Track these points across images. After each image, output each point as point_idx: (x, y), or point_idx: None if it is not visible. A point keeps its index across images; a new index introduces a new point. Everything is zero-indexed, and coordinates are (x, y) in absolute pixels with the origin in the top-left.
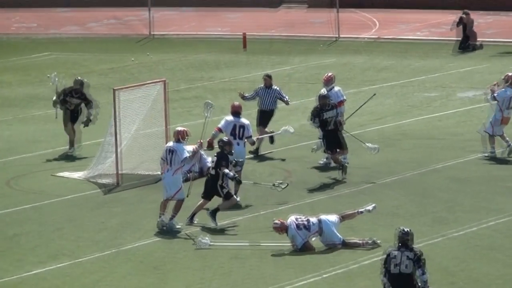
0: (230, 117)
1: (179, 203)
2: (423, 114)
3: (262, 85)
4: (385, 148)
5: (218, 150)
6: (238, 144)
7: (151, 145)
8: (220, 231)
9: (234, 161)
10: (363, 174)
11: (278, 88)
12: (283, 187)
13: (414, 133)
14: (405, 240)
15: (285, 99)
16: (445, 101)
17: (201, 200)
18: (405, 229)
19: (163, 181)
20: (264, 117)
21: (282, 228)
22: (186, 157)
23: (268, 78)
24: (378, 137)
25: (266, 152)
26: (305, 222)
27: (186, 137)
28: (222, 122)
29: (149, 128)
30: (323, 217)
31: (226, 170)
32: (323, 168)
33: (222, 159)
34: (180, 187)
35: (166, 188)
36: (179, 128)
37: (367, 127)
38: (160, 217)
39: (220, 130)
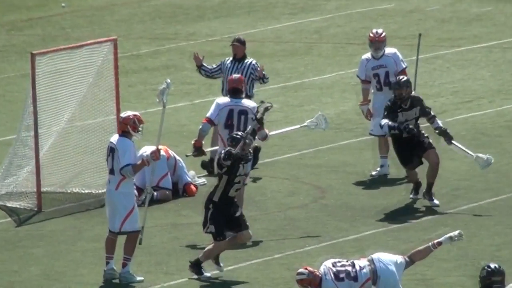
0: (224, 99)
1: (132, 238)
2: None
3: (229, 58)
4: (478, 149)
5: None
6: None
7: (94, 145)
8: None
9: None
10: (444, 193)
11: (254, 62)
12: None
13: None
14: (491, 283)
15: (264, 79)
16: None
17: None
18: (491, 266)
19: (106, 201)
20: None
21: (313, 281)
22: (128, 165)
23: (239, 45)
24: (466, 132)
25: (280, 156)
26: (349, 268)
27: (139, 128)
28: (212, 108)
29: (90, 118)
30: (377, 256)
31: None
32: (376, 182)
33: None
34: (130, 210)
35: (109, 213)
36: (127, 113)
37: (447, 115)
38: (107, 263)
39: (210, 121)
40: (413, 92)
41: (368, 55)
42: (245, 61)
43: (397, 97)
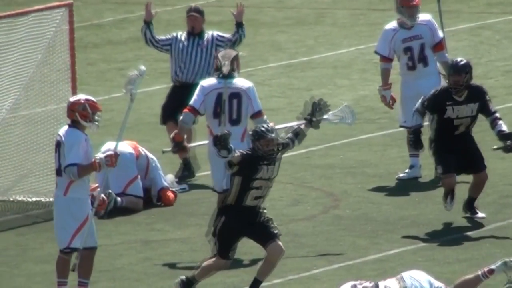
0: (210, 81)
1: (88, 256)
2: None
3: (182, 33)
4: None
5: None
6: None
7: (43, 141)
8: None
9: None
10: (491, 201)
11: (216, 34)
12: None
13: None
14: None
15: (241, 30)
16: None
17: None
18: None
19: (53, 211)
20: (180, 99)
21: None
22: (73, 165)
23: (197, 16)
24: None
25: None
26: None
27: (91, 117)
28: (196, 93)
29: (39, 105)
30: (409, 273)
31: None
32: (404, 187)
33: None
34: (83, 221)
35: (56, 225)
36: (77, 97)
37: (497, 102)
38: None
39: (192, 110)
40: (473, 81)
41: (393, 24)
42: (204, 35)
43: (451, 85)
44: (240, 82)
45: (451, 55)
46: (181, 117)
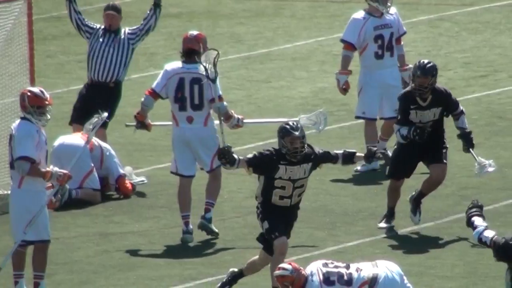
0: (174, 64)
1: (40, 250)
2: None
3: (101, 27)
4: (493, 136)
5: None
6: (192, 122)
7: (2, 133)
8: None
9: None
10: (449, 193)
11: (127, 30)
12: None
13: None
14: None
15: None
16: None
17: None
18: None
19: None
20: (92, 100)
21: (296, 281)
22: (23, 159)
23: (115, 14)
24: (478, 115)
25: (240, 146)
26: (343, 270)
27: (29, 109)
28: (159, 77)
29: None
30: (385, 262)
31: None
32: (363, 179)
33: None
34: (36, 214)
35: (11, 218)
36: (26, 89)
37: (455, 93)
38: (15, 283)
39: (153, 93)
40: (438, 84)
41: (362, 13)
42: (121, 34)
43: (416, 87)
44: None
45: (410, 47)
46: (142, 99)
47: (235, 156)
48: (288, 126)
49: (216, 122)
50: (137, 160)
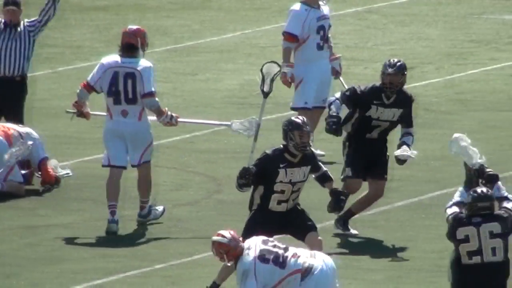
0: (111, 58)
1: None
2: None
3: (1, 20)
4: (420, 129)
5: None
6: (126, 115)
7: None
8: None
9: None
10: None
11: (28, 23)
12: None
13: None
14: (478, 209)
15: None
16: None
17: None
18: (478, 191)
19: None
20: (2, 93)
21: (232, 250)
22: None
23: (15, 9)
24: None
25: (165, 138)
26: (280, 252)
27: None
28: (95, 70)
29: None
30: (323, 254)
31: None
32: None
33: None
34: None
35: None
36: None
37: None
38: None
39: (87, 86)
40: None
41: (300, 5)
42: (21, 26)
43: (387, 84)
44: (140, 62)
45: (338, 39)
46: (77, 91)
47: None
48: (298, 120)
49: (152, 118)
50: (62, 153)
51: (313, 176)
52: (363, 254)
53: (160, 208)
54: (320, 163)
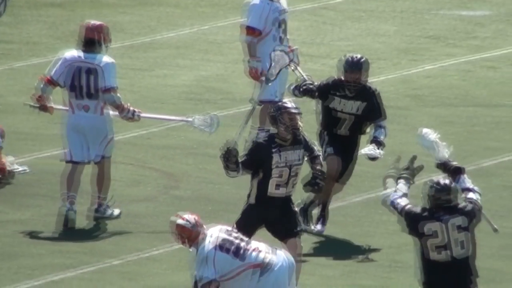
0: (73, 53)
1: None
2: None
3: None
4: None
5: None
6: (88, 110)
7: None
8: None
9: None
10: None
11: None
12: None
13: (440, 93)
14: (441, 202)
15: None
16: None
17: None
18: (440, 183)
19: None
20: None
21: (193, 236)
22: None
23: None
24: None
25: (122, 135)
26: (242, 244)
27: None
28: (58, 65)
29: None
30: (285, 252)
31: None
32: None
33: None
34: None
35: None
36: None
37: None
38: None
39: (50, 81)
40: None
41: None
42: None
43: (349, 82)
44: (101, 58)
45: (295, 35)
46: (36, 84)
47: (238, 158)
48: (286, 103)
49: (114, 113)
50: (19, 149)
51: (305, 158)
52: (321, 250)
53: (116, 212)
54: (313, 146)
